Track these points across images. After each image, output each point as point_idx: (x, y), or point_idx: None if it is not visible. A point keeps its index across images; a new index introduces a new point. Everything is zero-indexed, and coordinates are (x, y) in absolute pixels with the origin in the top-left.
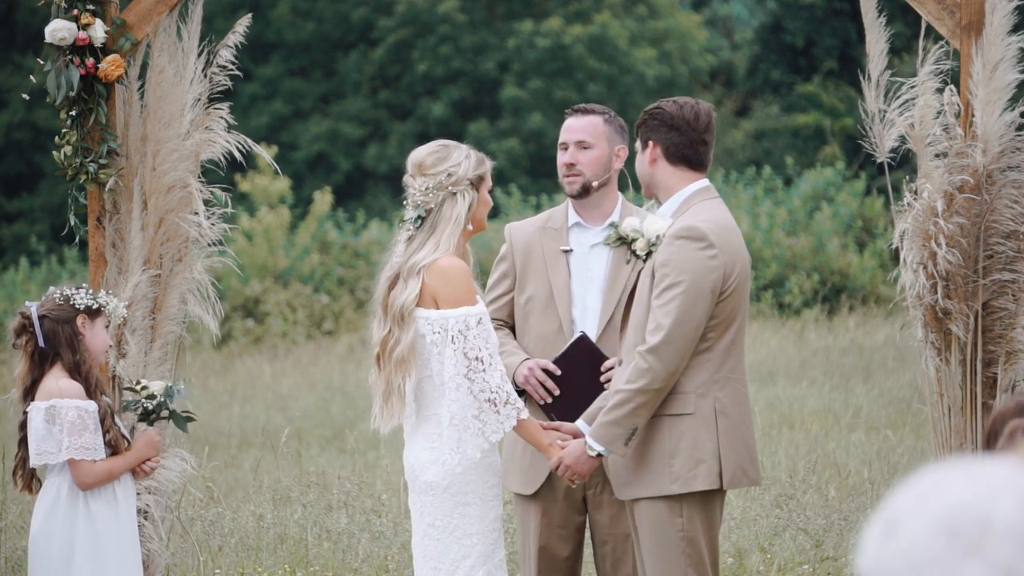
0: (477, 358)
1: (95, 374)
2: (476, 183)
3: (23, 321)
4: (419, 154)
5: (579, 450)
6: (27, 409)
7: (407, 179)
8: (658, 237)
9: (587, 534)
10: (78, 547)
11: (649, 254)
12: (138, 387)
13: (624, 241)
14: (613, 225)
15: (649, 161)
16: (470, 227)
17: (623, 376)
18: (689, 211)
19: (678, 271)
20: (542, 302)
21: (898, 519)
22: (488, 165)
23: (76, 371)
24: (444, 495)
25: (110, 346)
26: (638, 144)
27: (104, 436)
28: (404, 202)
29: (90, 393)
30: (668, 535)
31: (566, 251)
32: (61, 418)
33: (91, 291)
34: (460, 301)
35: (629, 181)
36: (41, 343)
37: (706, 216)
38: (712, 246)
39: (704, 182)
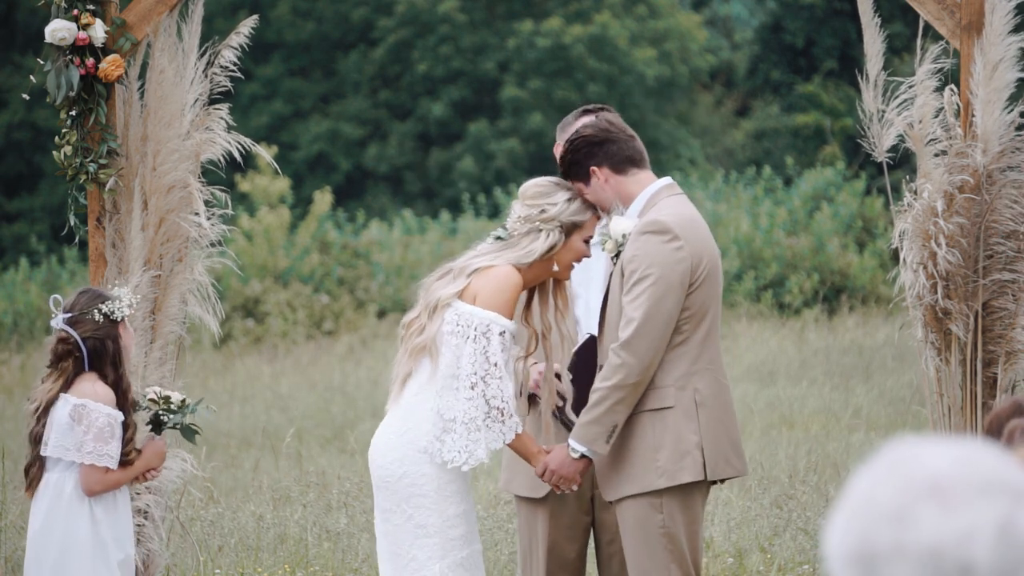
0: (496, 364)
1: (124, 388)
2: (568, 228)
3: (67, 347)
4: (529, 182)
5: (563, 453)
6: (36, 405)
7: (513, 202)
8: (624, 236)
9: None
10: (78, 548)
11: (618, 255)
12: (159, 399)
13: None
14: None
15: (603, 183)
16: (555, 268)
17: (599, 375)
18: (654, 207)
19: (646, 265)
20: None
21: (876, 556)
22: (589, 216)
23: (116, 385)
24: (399, 484)
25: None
26: (579, 186)
27: (126, 455)
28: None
29: (120, 404)
30: (650, 531)
31: None
32: (89, 421)
33: (112, 293)
34: (496, 307)
35: None
36: (87, 368)
37: (670, 210)
38: (677, 238)
39: (665, 180)
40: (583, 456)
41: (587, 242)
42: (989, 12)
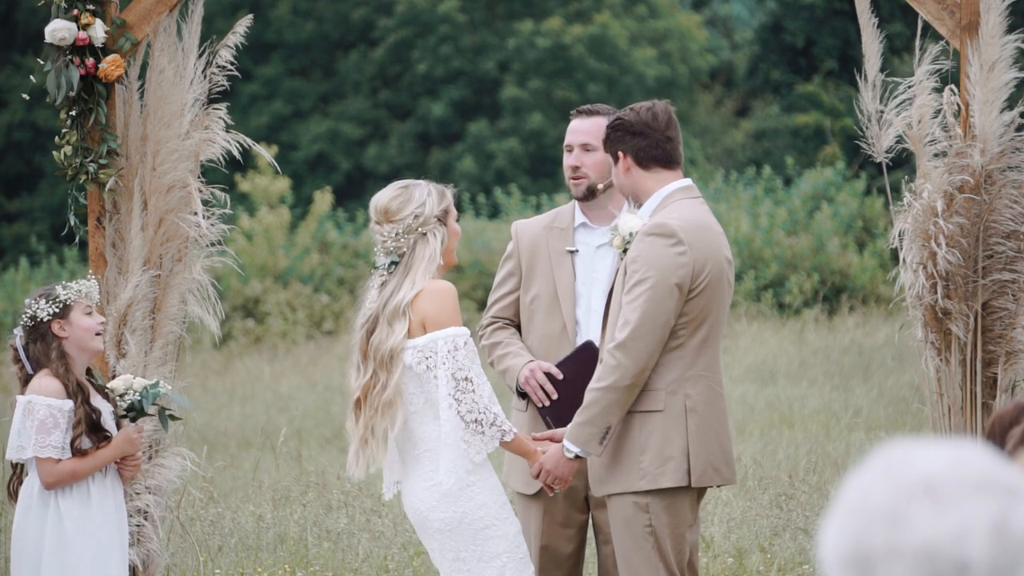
0: (466, 378)
1: (75, 378)
2: (443, 218)
3: (14, 353)
4: (381, 200)
5: (558, 453)
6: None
7: (373, 226)
8: (631, 234)
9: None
10: (46, 545)
11: (626, 251)
12: (109, 389)
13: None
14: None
15: (624, 171)
16: (442, 262)
17: (594, 375)
18: (665, 209)
19: (646, 267)
20: (547, 302)
21: (871, 557)
22: (449, 197)
23: (58, 375)
24: (460, 527)
25: (102, 323)
26: (610, 159)
27: (72, 442)
28: (375, 249)
29: (70, 394)
30: (636, 530)
31: (571, 251)
32: (33, 415)
33: (52, 291)
34: (449, 322)
35: None
36: (29, 370)
37: (680, 214)
38: (681, 243)
39: (684, 181)
40: (577, 456)
41: (456, 220)
42: (985, 12)
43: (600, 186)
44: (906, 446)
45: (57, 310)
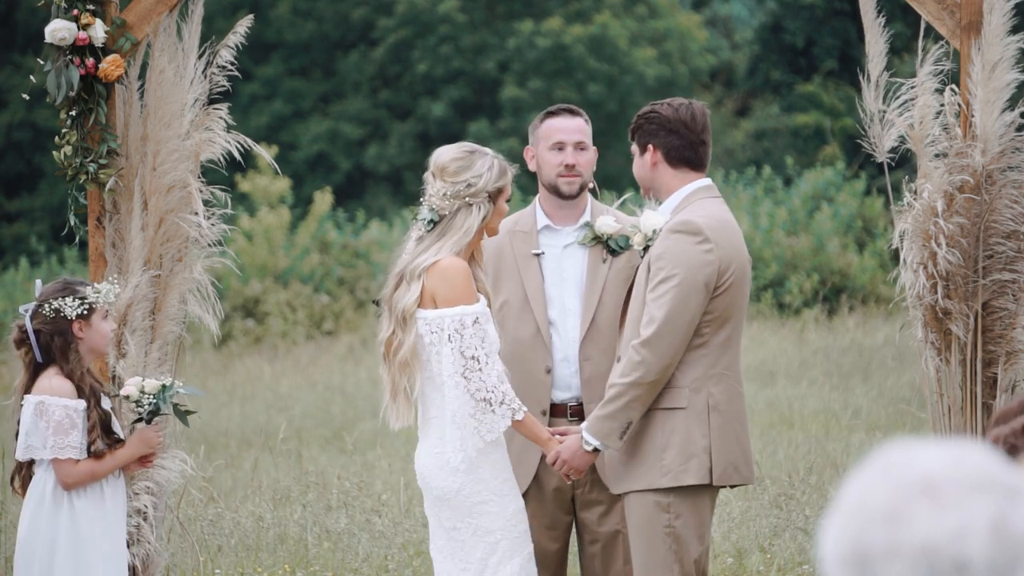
0: (473, 357)
1: (90, 380)
2: (494, 196)
3: (20, 335)
4: (443, 157)
5: (575, 445)
6: (22, 402)
7: (427, 177)
8: (655, 232)
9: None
10: (60, 545)
11: (647, 249)
12: (126, 397)
13: (599, 240)
14: (587, 225)
15: (650, 165)
16: (486, 235)
17: (617, 370)
18: (688, 208)
19: (672, 264)
20: (517, 306)
21: (870, 556)
22: (510, 176)
23: (71, 376)
24: (458, 498)
25: (114, 330)
26: (635, 147)
27: (89, 446)
28: (420, 199)
29: (83, 394)
30: (655, 529)
31: (537, 254)
32: (48, 415)
33: (79, 289)
34: (457, 300)
35: (595, 183)
36: (39, 358)
37: (704, 212)
38: (707, 241)
39: (705, 181)
40: (595, 449)
41: (508, 201)
42: (987, 12)
43: (589, 185)
44: (905, 446)
45: (84, 311)
